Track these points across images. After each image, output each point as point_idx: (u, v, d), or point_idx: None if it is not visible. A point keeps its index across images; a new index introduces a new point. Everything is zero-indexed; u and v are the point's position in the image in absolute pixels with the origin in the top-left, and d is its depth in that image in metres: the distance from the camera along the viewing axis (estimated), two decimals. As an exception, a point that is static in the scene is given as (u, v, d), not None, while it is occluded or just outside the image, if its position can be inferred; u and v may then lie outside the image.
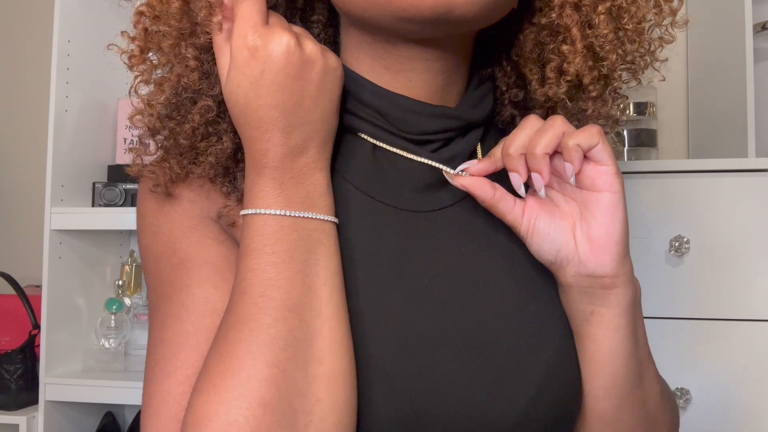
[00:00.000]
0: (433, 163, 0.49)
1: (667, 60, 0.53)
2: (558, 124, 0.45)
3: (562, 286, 0.49)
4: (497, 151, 0.48)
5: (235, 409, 0.38)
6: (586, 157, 0.45)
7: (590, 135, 0.45)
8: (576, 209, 0.47)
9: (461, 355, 0.45)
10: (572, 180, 0.45)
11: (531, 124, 0.47)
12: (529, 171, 0.46)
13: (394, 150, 0.50)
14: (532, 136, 0.46)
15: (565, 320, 0.49)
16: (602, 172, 0.45)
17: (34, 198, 1.56)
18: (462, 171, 0.48)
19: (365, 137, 0.50)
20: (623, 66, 0.51)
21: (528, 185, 0.47)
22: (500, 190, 0.48)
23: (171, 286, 0.47)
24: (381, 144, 0.50)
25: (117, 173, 1.35)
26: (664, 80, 0.54)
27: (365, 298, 0.46)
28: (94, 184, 1.31)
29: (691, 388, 1.02)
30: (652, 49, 0.52)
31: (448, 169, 0.49)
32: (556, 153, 0.46)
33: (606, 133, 0.56)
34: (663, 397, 0.53)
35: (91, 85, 1.33)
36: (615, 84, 0.52)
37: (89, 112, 1.34)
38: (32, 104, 1.62)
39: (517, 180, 0.46)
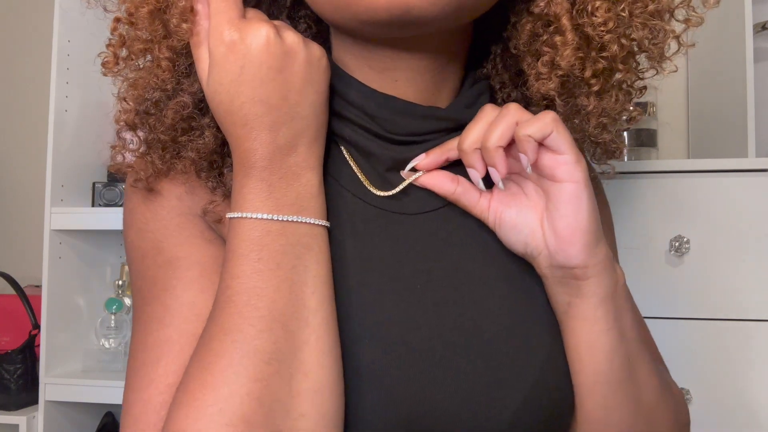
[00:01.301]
0: (397, 190, 0.48)
1: (694, 45, 0.47)
2: (511, 113, 0.44)
3: (541, 277, 0.47)
4: (451, 141, 0.47)
5: (215, 425, 0.37)
6: (543, 145, 0.43)
7: (543, 124, 0.42)
8: (544, 199, 0.45)
9: (456, 360, 0.44)
10: (529, 170, 0.44)
11: (486, 115, 0.45)
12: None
13: (371, 189, 0.48)
14: (486, 129, 0.44)
15: (554, 318, 0.48)
16: (560, 162, 0.43)
17: (34, 198, 1.56)
18: (413, 168, 0.47)
19: (346, 156, 0.49)
20: (644, 54, 0.47)
21: None
22: (463, 184, 0.47)
23: (156, 287, 0.45)
24: (359, 177, 0.48)
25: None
26: (676, 71, 0.49)
27: (357, 304, 0.44)
28: (94, 184, 1.31)
29: (691, 388, 1.01)
30: (670, 37, 0.47)
31: (404, 171, 0.47)
32: (514, 142, 0.44)
33: (617, 131, 0.52)
34: (663, 394, 0.50)
35: (91, 85, 1.32)
36: (621, 76, 0.48)
37: (89, 112, 1.33)
38: (32, 104, 1.62)
39: (475, 176, 0.45)
